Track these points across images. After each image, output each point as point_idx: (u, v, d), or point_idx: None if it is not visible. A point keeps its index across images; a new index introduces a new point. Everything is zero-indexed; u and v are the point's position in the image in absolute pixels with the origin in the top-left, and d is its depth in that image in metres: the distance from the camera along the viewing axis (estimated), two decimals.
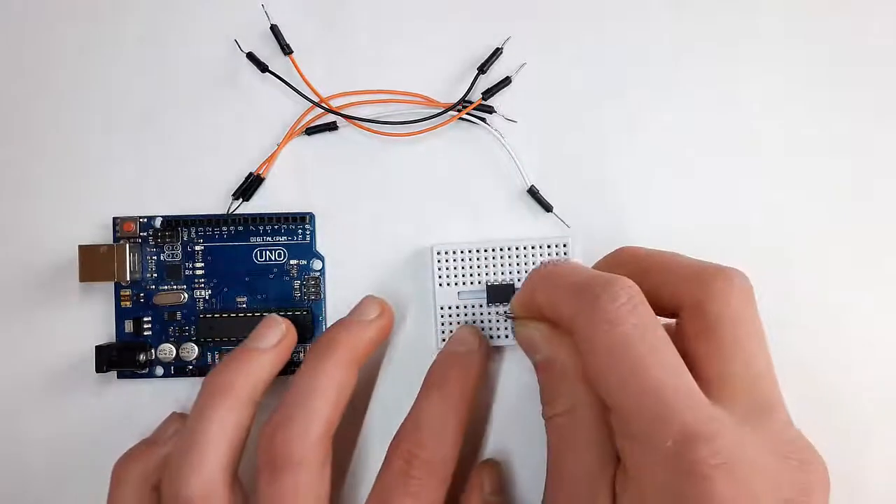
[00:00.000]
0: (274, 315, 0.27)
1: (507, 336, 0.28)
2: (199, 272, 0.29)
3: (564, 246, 0.28)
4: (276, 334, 0.26)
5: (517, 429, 0.28)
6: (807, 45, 0.29)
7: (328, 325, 0.29)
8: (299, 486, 0.23)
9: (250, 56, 0.29)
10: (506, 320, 0.28)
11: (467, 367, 0.26)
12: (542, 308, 0.23)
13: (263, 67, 0.29)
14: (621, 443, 0.21)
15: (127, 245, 0.28)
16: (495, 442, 0.29)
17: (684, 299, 0.22)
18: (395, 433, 0.25)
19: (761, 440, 0.20)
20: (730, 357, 0.21)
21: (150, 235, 0.29)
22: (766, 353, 0.22)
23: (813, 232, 0.29)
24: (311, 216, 0.29)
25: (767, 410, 0.21)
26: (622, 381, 0.20)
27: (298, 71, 0.29)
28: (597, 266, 0.25)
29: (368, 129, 0.29)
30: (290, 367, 0.27)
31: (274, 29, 0.29)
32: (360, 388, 0.29)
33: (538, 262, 0.27)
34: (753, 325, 0.22)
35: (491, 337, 0.28)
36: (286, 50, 0.29)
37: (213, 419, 0.24)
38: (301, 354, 0.29)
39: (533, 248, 0.28)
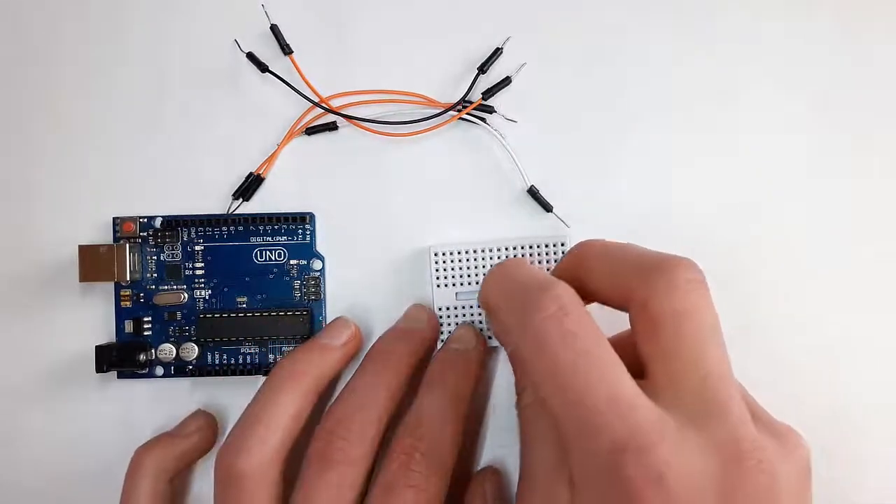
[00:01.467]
0: (345, 316, 0.28)
1: None
2: (199, 272, 0.29)
3: (562, 245, 0.28)
4: (345, 334, 0.27)
5: (516, 426, 0.28)
6: (806, 45, 0.29)
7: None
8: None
9: (250, 56, 0.29)
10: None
11: (466, 365, 0.26)
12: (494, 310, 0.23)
13: (263, 67, 0.29)
14: (565, 448, 0.20)
15: (127, 245, 0.28)
16: (495, 439, 0.29)
17: (631, 294, 0.21)
18: (396, 429, 0.25)
19: (708, 444, 0.18)
20: (673, 355, 0.20)
21: (150, 235, 0.29)
22: (717, 349, 0.20)
23: (817, 232, 0.29)
24: (311, 216, 0.29)
25: (718, 411, 0.19)
26: (552, 391, 0.19)
27: (298, 71, 0.29)
28: (559, 263, 0.25)
29: (368, 129, 0.29)
30: None
31: (274, 29, 0.29)
32: None
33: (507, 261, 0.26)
34: (701, 319, 0.20)
35: (489, 337, 0.28)
36: (286, 50, 0.29)
37: (280, 402, 0.25)
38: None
39: (530, 247, 0.28)
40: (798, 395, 0.28)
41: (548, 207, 0.29)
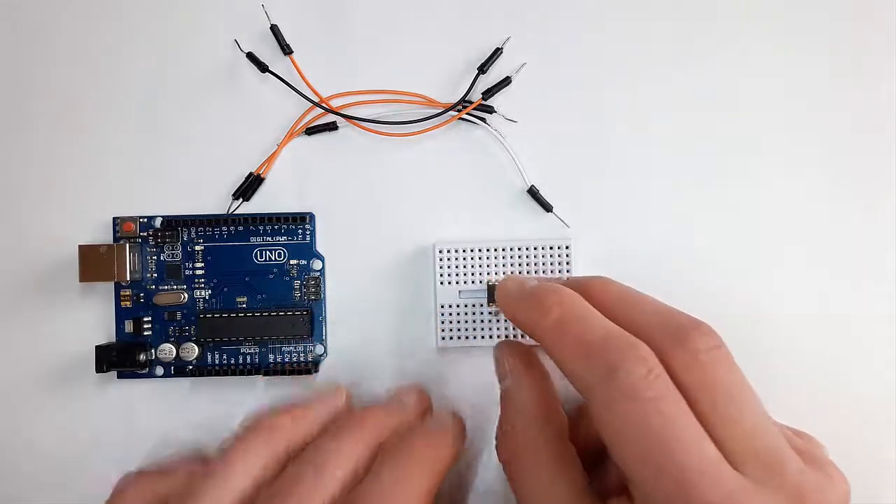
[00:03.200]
0: (340, 386, 0.27)
1: (506, 336, 0.28)
2: (199, 272, 0.29)
3: (567, 248, 0.28)
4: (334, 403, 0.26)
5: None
6: (808, 42, 0.29)
7: (328, 327, 0.29)
8: None
9: (250, 56, 0.29)
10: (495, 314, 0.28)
11: (436, 448, 0.24)
12: (554, 360, 0.22)
13: (263, 67, 0.28)
14: None
15: (127, 245, 0.28)
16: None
17: (661, 360, 0.20)
18: None
19: (780, 500, 0.19)
20: (723, 422, 0.20)
21: (150, 235, 0.29)
22: (754, 403, 0.20)
23: (812, 234, 0.29)
24: (311, 216, 0.29)
25: (778, 466, 0.19)
26: (641, 456, 0.19)
27: (298, 71, 0.29)
28: (572, 286, 0.24)
29: (368, 130, 0.29)
30: None
31: (274, 29, 0.29)
32: (360, 388, 0.29)
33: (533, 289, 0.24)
34: (731, 384, 0.20)
35: (491, 337, 0.28)
36: (286, 50, 0.29)
37: (245, 459, 0.23)
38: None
39: (535, 248, 0.28)
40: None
41: (548, 207, 0.29)
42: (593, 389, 0.20)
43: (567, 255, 0.28)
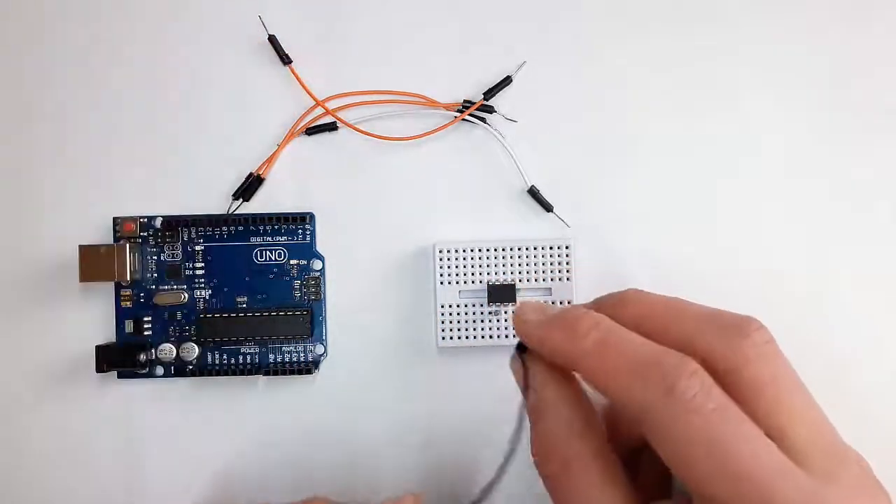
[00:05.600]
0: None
1: (507, 336, 0.28)
2: (199, 272, 0.29)
3: (567, 248, 0.28)
4: None
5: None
6: (808, 42, 0.29)
7: (328, 327, 0.29)
8: None
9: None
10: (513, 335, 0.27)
11: None
12: (595, 382, 0.21)
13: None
14: None
15: (127, 245, 0.28)
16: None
17: (712, 363, 0.20)
18: None
19: (850, 493, 0.19)
20: (789, 417, 0.20)
21: (151, 235, 0.29)
22: (809, 397, 0.20)
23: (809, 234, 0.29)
24: (311, 216, 0.29)
25: (844, 458, 0.19)
26: (715, 470, 0.19)
27: (298, 79, 0.29)
28: (600, 306, 0.23)
29: (370, 134, 0.29)
30: None
31: (272, 39, 0.29)
32: (358, 388, 0.29)
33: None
34: (787, 377, 0.20)
35: (491, 337, 0.28)
36: (285, 60, 0.29)
37: None
38: None
39: (535, 248, 0.28)
40: None
41: (548, 207, 0.29)
42: (651, 408, 0.20)
43: (567, 255, 0.28)
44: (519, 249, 0.28)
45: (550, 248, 0.28)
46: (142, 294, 0.29)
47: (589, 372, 0.21)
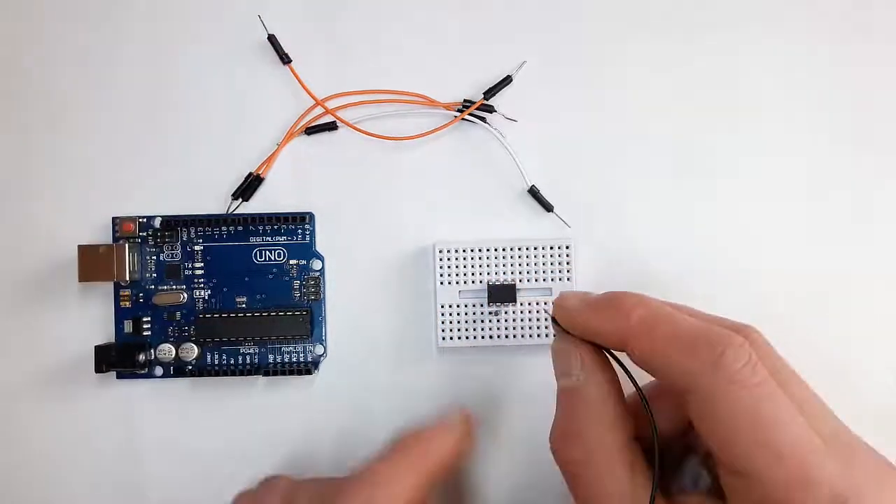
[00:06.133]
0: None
1: (507, 336, 0.28)
2: (198, 272, 0.29)
3: (567, 248, 0.28)
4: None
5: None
6: (808, 42, 0.29)
7: (328, 326, 0.29)
8: None
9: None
10: (546, 320, 0.27)
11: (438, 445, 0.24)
12: (642, 358, 0.21)
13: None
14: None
15: (126, 245, 0.28)
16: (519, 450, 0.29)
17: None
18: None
19: (872, 472, 0.19)
20: (809, 407, 0.20)
21: (150, 235, 0.29)
22: (809, 390, 0.21)
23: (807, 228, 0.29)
24: (311, 216, 0.29)
25: (854, 442, 0.20)
26: (758, 442, 0.19)
27: (298, 79, 0.29)
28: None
29: (370, 134, 0.29)
30: None
31: (272, 39, 0.29)
32: (358, 388, 0.29)
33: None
34: (792, 369, 0.21)
35: (491, 337, 0.28)
36: (285, 59, 0.29)
37: None
38: None
39: (535, 248, 0.28)
40: None
41: (548, 207, 0.29)
42: (698, 381, 0.20)
43: (567, 255, 0.28)
44: (519, 249, 0.28)
45: (551, 248, 0.28)
46: (141, 294, 0.29)
47: (637, 349, 0.21)
